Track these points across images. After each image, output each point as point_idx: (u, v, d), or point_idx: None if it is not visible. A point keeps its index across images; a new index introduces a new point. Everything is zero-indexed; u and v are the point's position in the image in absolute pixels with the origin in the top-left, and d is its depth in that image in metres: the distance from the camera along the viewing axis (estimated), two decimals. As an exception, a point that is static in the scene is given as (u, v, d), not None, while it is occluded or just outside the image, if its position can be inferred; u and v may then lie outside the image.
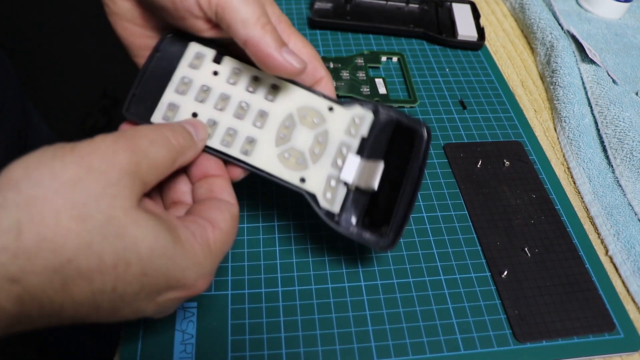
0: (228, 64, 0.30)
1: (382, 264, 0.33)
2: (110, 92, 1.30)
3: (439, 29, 0.52)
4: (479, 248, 0.35)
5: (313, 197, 0.28)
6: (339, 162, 0.29)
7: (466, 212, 0.37)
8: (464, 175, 0.39)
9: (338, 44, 0.50)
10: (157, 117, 0.28)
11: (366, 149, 0.30)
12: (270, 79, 0.30)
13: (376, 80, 0.46)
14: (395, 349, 0.30)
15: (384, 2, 0.54)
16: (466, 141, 0.42)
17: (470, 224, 0.36)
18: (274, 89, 0.29)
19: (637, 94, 0.46)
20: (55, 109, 1.26)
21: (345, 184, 0.29)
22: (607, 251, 0.36)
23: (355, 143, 0.30)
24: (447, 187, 0.38)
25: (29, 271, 0.18)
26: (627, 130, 0.41)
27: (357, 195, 0.29)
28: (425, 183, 0.38)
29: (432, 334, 0.30)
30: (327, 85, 0.30)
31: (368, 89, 0.45)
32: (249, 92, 0.29)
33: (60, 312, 0.19)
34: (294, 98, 0.30)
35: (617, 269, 0.35)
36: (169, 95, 0.28)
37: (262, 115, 0.29)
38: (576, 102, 0.44)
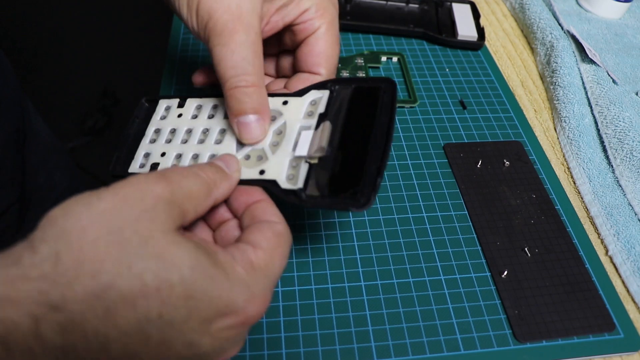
0: (191, 104, 0.32)
1: (382, 264, 0.33)
2: (110, 92, 1.30)
3: (439, 29, 0.52)
4: (479, 248, 0.35)
5: (272, 182, 0.27)
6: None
7: (466, 212, 0.37)
8: (464, 175, 0.39)
9: (338, 44, 0.50)
10: (134, 167, 0.31)
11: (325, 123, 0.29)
12: None
13: (376, 80, 0.46)
14: (395, 349, 0.30)
15: (384, 2, 0.54)
16: (466, 141, 0.42)
17: (470, 224, 0.36)
18: None
19: (637, 94, 0.46)
20: (55, 109, 1.26)
21: (306, 160, 0.28)
22: (607, 251, 0.36)
23: (313, 122, 0.29)
24: (447, 187, 0.38)
25: (70, 298, 0.18)
26: (627, 130, 0.41)
27: (321, 167, 0.28)
28: (425, 183, 0.38)
29: (432, 334, 0.30)
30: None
31: (368, 89, 0.45)
32: (209, 118, 0.31)
33: (107, 345, 0.18)
34: None
35: (617, 269, 0.35)
36: (144, 147, 0.31)
37: (222, 132, 0.30)
38: (576, 102, 0.44)
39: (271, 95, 0.30)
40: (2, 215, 0.56)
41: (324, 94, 0.30)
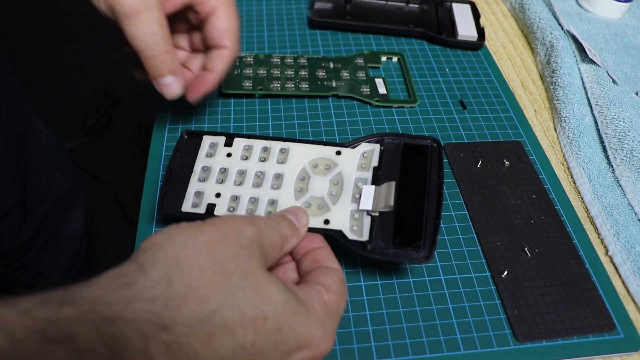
0: (238, 144, 0.34)
1: (381, 264, 0.33)
2: (110, 92, 1.30)
3: (439, 29, 0.52)
4: (479, 248, 0.35)
5: (339, 233, 0.30)
6: (357, 196, 0.31)
7: (466, 212, 0.37)
8: (464, 175, 0.39)
9: (338, 44, 0.50)
10: (186, 206, 0.31)
11: (381, 177, 0.32)
12: (277, 145, 0.33)
13: (376, 80, 0.46)
14: (395, 349, 0.30)
15: (384, 2, 0.54)
16: (466, 141, 0.42)
17: (470, 224, 0.36)
18: (283, 152, 0.34)
19: (637, 94, 0.46)
20: (55, 109, 1.25)
21: (368, 212, 0.31)
22: (607, 251, 0.36)
23: (369, 175, 0.32)
24: (447, 187, 0.38)
25: (178, 321, 0.19)
26: (627, 130, 0.41)
27: (383, 220, 0.30)
28: (425, 183, 0.38)
29: (432, 334, 0.30)
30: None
31: (368, 89, 0.45)
32: (261, 161, 0.33)
33: None
34: (303, 154, 0.33)
35: (617, 269, 0.35)
36: (194, 185, 0.32)
37: (278, 177, 0.32)
38: (576, 102, 0.44)
39: (324, 144, 0.34)
40: (3, 219, 0.56)
41: (375, 148, 0.34)
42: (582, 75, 0.47)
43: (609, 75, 0.47)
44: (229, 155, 0.33)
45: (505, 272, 0.33)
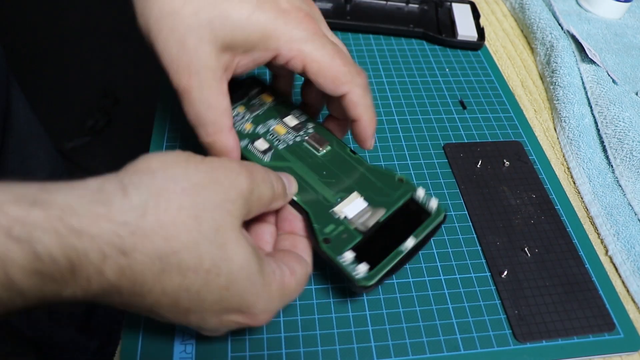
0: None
1: (382, 264, 0.33)
2: (110, 92, 1.30)
3: (439, 29, 0.52)
4: (479, 248, 0.35)
5: (307, 214, 0.29)
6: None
7: (466, 212, 0.37)
8: (464, 175, 0.39)
9: (338, 44, 0.50)
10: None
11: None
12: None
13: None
14: (395, 349, 0.30)
15: (384, 2, 0.54)
16: (466, 141, 0.42)
17: (470, 224, 0.36)
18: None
19: (637, 94, 0.46)
20: (55, 109, 1.26)
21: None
22: (607, 251, 0.36)
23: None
24: (447, 187, 0.38)
25: (139, 249, 0.20)
26: (627, 130, 0.41)
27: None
28: (425, 183, 0.38)
29: (432, 334, 0.30)
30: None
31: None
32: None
33: (144, 297, 0.21)
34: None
35: (617, 269, 0.35)
36: None
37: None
38: (576, 102, 0.44)
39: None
40: None
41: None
42: (582, 75, 0.47)
43: (609, 75, 0.47)
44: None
45: (505, 272, 0.33)
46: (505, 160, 0.40)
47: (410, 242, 0.29)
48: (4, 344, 0.88)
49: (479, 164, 0.40)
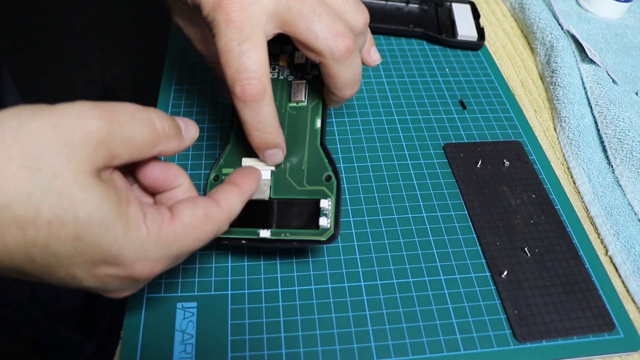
0: None
1: (382, 264, 0.33)
2: (110, 92, 1.30)
3: (439, 29, 0.52)
4: (479, 248, 0.35)
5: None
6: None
7: (466, 212, 0.37)
8: (464, 175, 0.39)
9: (338, 44, 0.50)
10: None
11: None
12: None
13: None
14: (395, 349, 0.30)
15: (384, 2, 0.54)
16: (466, 141, 0.42)
17: (470, 224, 0.36)
18: None
19: (637, 94, 0.46)
20: (55, 109, 1.25)
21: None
22: (607, 251, 0.36)
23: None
24: (447, 187, 0.38)
25: None
26: (627, 130, 0.41)
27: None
28: (425, 183, 0.38)
29: (432, 334, 0.30)
30: None
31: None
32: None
33: None
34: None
35: (617, 269, 0.35)
36: None
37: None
38: (576, 102, 0.44)
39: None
40: None
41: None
42: (582, 75, 0.47)
43: (608, 75, 0.47)
44: None
45: (505, 272, 0.33)
46: (505, 160, 0.40)
47: (266, 233, 0.29)
48: (4, 344, 0.88)
49: (479, 164, 0.40)
